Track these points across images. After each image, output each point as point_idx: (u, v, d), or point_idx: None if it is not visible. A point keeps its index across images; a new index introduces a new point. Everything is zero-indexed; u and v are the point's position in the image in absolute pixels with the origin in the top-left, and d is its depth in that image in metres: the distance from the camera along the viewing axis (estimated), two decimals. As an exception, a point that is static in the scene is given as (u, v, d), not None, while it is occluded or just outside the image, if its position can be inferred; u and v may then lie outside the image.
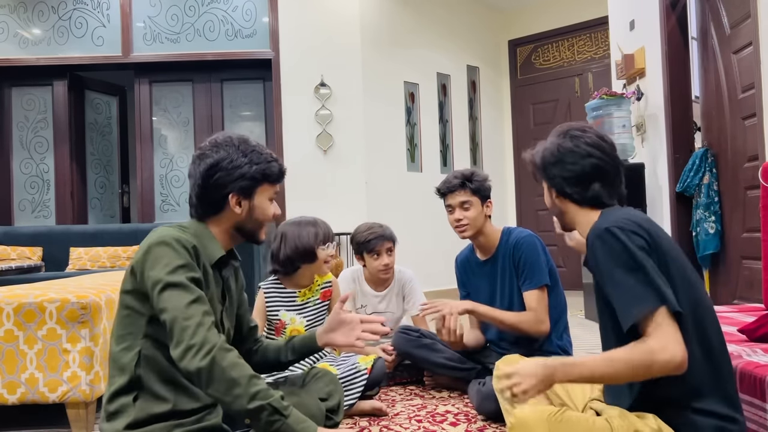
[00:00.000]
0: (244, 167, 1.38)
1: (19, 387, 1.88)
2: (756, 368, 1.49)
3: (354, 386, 2.05)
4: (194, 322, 1.22)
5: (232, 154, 1.39)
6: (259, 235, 1.47)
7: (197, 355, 1.19)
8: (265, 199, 1.44)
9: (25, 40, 5.32)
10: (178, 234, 1.32)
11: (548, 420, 1.19)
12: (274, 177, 1.44)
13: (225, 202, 1.39)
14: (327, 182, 5.11)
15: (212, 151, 1.39)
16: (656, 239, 1.22)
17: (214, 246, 1.40)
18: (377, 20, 5.34)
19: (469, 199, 2.18)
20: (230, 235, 1.44)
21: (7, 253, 4.39)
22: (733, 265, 3.35)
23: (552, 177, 1.43)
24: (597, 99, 3.85)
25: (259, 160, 1.41)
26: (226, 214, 1.41)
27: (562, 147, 1.43)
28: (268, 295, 2.23)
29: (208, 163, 1.38)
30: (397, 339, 2.44)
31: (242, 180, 1.38)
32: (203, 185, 1.38)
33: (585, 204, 1.39)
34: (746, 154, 3.16)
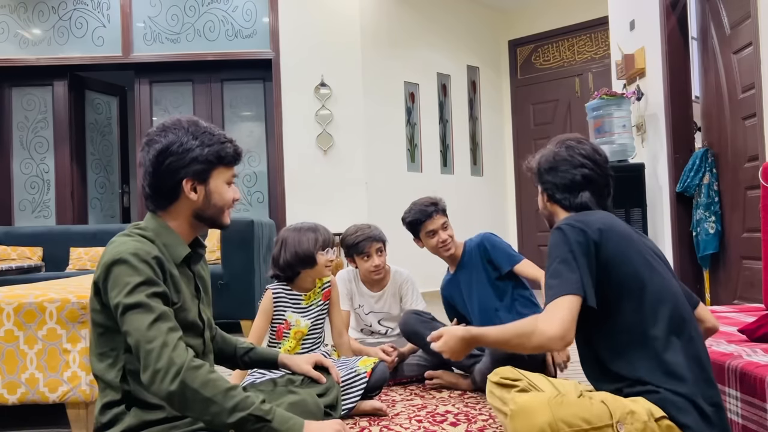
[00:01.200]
0: (196, 150, 1.30)
1: (19, 387, 1.89)
2: (756, 368, 1.49)
3: (353, 390, 2.05)
4: (158, 344, 1.16)
5: (182, 137, 1.30)
6: (221, 220, 1.39)
7: (165, 380, 1.15)
8: (221, 182, 1.36)
9: (26, 40, 5.33)
10: (135, 246, 1.24)
11: (549, 403, 1.23)
12: (229, 158, 1.36)
13: (179, 189, 1.31)
14: (327, 182, 5.11)
15: (160, 136, 1.31)
16: (606, 239, 1.32)
17: (177, 244, 1.33)
18: (377, 20, 5.34)
19: (445, 219, 2.44)
20: (190, 224, 1.36)
21: (8, 253, 4.39)
22: (734, 266, 3.35)
23: (545, 182, 1.52)
24: (597, 99, 3.85)
25: (212, 141, 1.32)
26: (183, 202, 1.33)
27: (558, 155, 1.51)
28: (277, 296, 2.24)
29: (157, 148, 1.29)
30: (408, 318, 2.45)
31: (195, 163, 1.30)
32: (154, 173, 1.30)
33: (572, 210, 1.48)
34: (746, 154, 3.16)
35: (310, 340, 2.25)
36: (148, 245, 1.27)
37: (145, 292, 1.20)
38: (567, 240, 1.31)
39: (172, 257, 1.31)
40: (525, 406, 1.23)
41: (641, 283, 1.31)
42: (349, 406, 2.03)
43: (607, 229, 1.33)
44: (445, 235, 2.44)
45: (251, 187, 5.47)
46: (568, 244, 1.31)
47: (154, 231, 1.32)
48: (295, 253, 2.18)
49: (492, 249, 2.42)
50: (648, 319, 1.29)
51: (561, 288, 1.27)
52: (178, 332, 1.21)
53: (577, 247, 1.30)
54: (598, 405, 1.23)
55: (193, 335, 1.36)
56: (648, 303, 1.30)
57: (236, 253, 3.68)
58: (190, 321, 1.34)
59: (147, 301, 1.19)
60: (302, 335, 2.22)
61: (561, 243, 1.32)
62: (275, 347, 2.23)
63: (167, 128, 1.32)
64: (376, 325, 2.71)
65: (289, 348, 2.21)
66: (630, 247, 1.34)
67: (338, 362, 2.20)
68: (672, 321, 1.29)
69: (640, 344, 1.28)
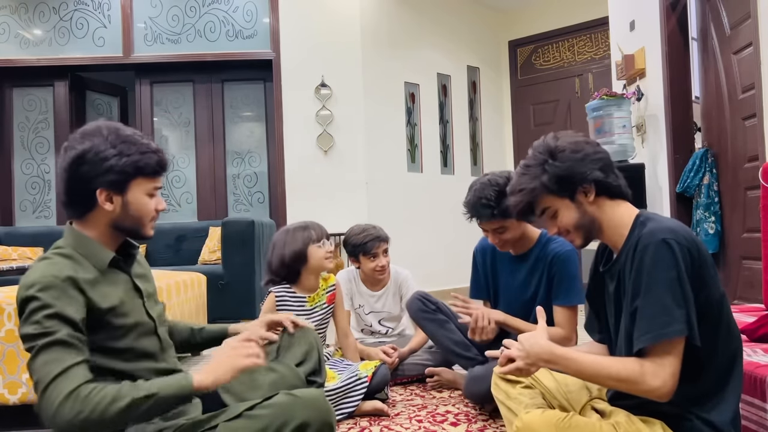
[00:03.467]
0: (112, 159, 1.24)
1: (20, 387, 1.89)
2: (756, 368, 1.49)
3: (354, 393, 2.05)
4: (37, 381, 1.10)
5: (99, 144, 1.25)
6: (142, 231, 1.33)
7: (54, 419, 1.06)
8: (141, 193, 1.29)
9: (26, 40, 5.33)
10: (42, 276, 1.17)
11: (556, 425, 1.18)
12: (149, 170, 1.29)
13: (94, 199, 1.26)
14: (327, 183, 5.12)
15: (78, 142, 1.25)
16: (702, 252, 1.18)
17: (98, 251, 1.28)
18: (378, 21, 5.35)
19: (502, 224, 2.01)
20: (110, 234, 1.31)
21: (9, 253, 4.40)
22: (734, 266, 3.35)
23: (584, 172, 1.27)
24: (597, 99, 3.85)
25: (130, 151, 1.26)
26: (99, 212, 1.28)
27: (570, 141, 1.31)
28: (280, 299, 2.23)
29: (72, 155, 1.24)
30: (413, 304, 2.39)
31: (110, 174, 1.24)
32: (69, 179, 1.26)
33: (619, 198, 1.31)
34: (746, 154, 3.16)
35: None
36: (60, 261, 1.22)
37: (35, 318, 1.13)
38: (676, 261, 1.13)
39: (95, 265, 1.26)
40: (531, 426, 1.20)
41: (720, 308, 1.20)
42: (350, 410, 2.03)
43: (705, 248, 1.19)
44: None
45: (252, 188, 5.47)
46: (676, 267, 1.13)
47: (71, 246, 1.27)
48: (282, 255, 2.18)
49: (559, 279, 2.06)
50: (718, 346, 1.20)
51: (669, 327, 1.11)
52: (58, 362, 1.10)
53: (685, 272, 1.13)
54: (608, 430, 1.20)
55: (145, 335, 1.33)
56: (723, 329, 1.21)
57: (236, 253, 3.69)
58: (134, 322, 1.30)
59: (31, 332, 1.13)
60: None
61: (669, 264, 1.13)
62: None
63: (86, 135, 1.26)
64: (377, 325, 2.71)
65: (290, 349, 2.20)
66: (714, 269, 1.21)
67: (339, 366, 2.20)
68: (736, 349, 1.23)
69: (701, 370, 1.19)
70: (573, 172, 1.27)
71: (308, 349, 1.73)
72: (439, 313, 2.35)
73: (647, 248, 1.16)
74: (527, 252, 2.15)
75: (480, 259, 2.32)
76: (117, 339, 1.26)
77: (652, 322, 1.13)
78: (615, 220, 1.30)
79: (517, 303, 2.18)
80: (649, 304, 1.14)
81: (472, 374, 2.00)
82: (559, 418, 1.21)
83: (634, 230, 1.26)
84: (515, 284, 2.18)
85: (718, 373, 1.20)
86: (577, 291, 2.05)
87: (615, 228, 1.30)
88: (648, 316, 1.14)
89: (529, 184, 1.32)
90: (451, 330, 2.31)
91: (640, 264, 1.17)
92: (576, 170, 1.27)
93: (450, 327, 2.32)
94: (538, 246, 2.13)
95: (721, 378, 1.20)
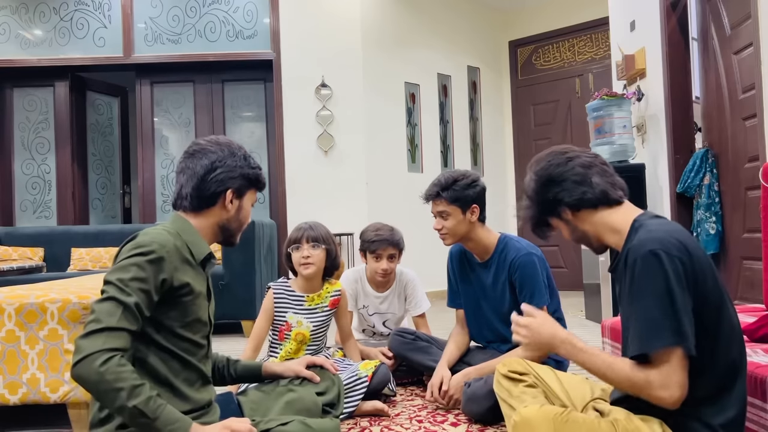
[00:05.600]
0: (245, 168, 1.47)
1: (20, 387, 1.89)
2: (757, 369, 1.49)
3: (354, 393, 2.05)
4: (92, 320, 1.20)
5: (235, 153, 1.47)
6: (237, 237, 1.53)
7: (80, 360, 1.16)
8: (249, 203, 1.52)
9: (27, 41, 5.33)
10: (151, 240, 1.30)
11: (554, 420, 1.19)
12: (261, 184, 1.53)
13: (219, 197, 1.44)
14: (328, 183, 5.12)
15: (215, 148, 1.46)
16: (695, 261, 1.18)
17: (200, 242, 1.43)
18: (378, 21, 5.35)
19: (446, 209, 2.09)
20: (212, 233, 1.48)
21: (9, 253, 4.40)
22: (734, 266, 3.35)
23: (555, 198, 1.35)
24: (597, 100, 3.85)
25: (254, 165, 1.51)
26: (217, 210, 1.46)
27: (542, 171, 1.38)
28: (277, 295, 2.24)
29: (212, 158, 1.44)
30: (393, 341, 2.45)
31: (241, 179, 1.46)
32: (203, 178, 1.43)
33: (605, 205, 1.33)
34: (747, 154, 3.16)
35: (313, 346, 2.25)
36: (165, 237, 1.34)
37: (124, 273, 1.25)
38: (665, 272, 1.14)
39: (194, 254, 1.39)
40: (529, 420, 1.20)
41: (718, 314, 1.21)
42: (350, 410, 2.03)
43: (700, 255, 1.19)
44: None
45: (252, 188, 5.47)
46: (665, 278, 1.14)
47: (179, 229, 1.41)
48: (284, 251, 2.27)
49: (520, 284, 2.09)
50: (717, 352, 1.20)
51: (655, 339, 1.13)
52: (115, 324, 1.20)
53: (676, 282, 1.14)
54: (606, 427, 1.20)
55: (201, 334, 1.40)
56: (723, 335, 1.20)
57: (237, 253, 3.68)
58: (200, 317, 1.39)
59: (114, 281, 1.24)
60: (303, 337, 2.22)
61: (656, 275, 1.14)
62: (277, 348, 2.23)
63: (221, 144, 1.47)
64: (380, 327, 2.71)
65: (290, 350, 2.20)
66: (713, 275, 1.20)
67: (341, 364, 2.20)
68: (739, 354, 1.23)
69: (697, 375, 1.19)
70: (545, 205, 1.38)
71: (329, 384, 1.82)
72: (419, 341, 2.41)
73: (636, 261, 1.19)
74: (489, 259, 2.19)
75: (450, 266, 2.38)
76: (183, 327, 1.34)
77: (640, 333, 1.16)
78: (607, 227, 1.34)
79: (486, 308, 2.22)
80: (638, 317, 1.17)
81: (470, 392, 1.98)
82: (556, 413, 1.21)
83: (629, 236, 1.28)
84: (483, 290, 2.22)
85: (717, 378, 1.20)
86: (541, 292, 2.06)
87: (611, 233, 1.34)
88: (636, 327, 1.17)
89: (526, 215, 1.44)
90: (435, 353, 2.35)
91: (631, 276, 1.20)
92: (545, 202, 1.37)
93: (433, 350, 2.37)
94: (496, 252, 2.17)
95: (721, 383, 1.20)
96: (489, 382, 1.82)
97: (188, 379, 1.36)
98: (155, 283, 1.27)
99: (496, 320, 2.21)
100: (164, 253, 1.29)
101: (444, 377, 2.14)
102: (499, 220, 6.11)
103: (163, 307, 1.30)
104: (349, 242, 4.96)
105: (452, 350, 2.27)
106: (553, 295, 2.15)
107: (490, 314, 2.22)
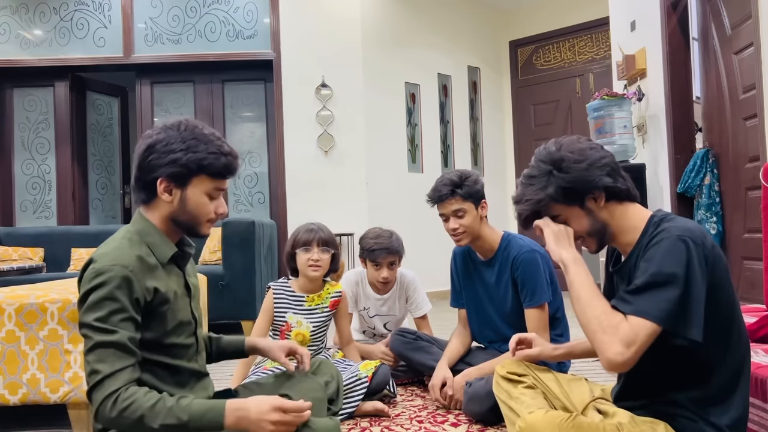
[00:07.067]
0: (178, 153, 1.28)
1: (20, 387, 1.89)
2: (758, 369, 1.49)
3: (355, 393, 2.05)
4: (89, 372, 1.18)
5: (171, 137, 1.30)
6: (198, 230, 1.36)
7: (96, 414, 1.17)
8: (200, 192, 1.32)
9: (27, 41, 5.33)
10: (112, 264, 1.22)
11: (559, 426, 1.18)
12: (213, 170, 1.31)
13: (155, 187, 1.30)
14: (328, 183, 5.11)
15: (155, 132, 1.32)
16: (717, 258, 1.16)
17: (162, 243, 1.33)
18: (378, 21, 5.34)
19: (462, 206, 2.07)
20: (170, 227, 1.35)
21: (9, 253, 4.40)
22: (735, 266, 3.35)
23: (592, 179, 1.25)
24: (598, 100, 3.85)
25: (198, 149, 1.29)
26: (159, 202, 1.32)
27: (573, 146, 1.29)
28: (277, 295, 2.24)
29: (147, 143, 1.31)
30: (393, 341, 2.45)
31: (172, 166, 1.28)
32: (138, 166, 1.31)
33: (629, 200, 1.29)
34: (747, 154, 3.16)
35: (313, 346, 2.24)
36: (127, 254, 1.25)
37: (99, 312, 1.19)
38: (689, 259, 1.12)
39: (158, 257, 1.31)
40: (534, 426, 1.19)
41: (731, 312, 1.20)
42: (350, 410, 2.03)
43: (719, 254, 1.17)
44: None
45: (252, 188, 5.47)
46: (687, 265, 1.11)
47: (140, 232, 1.32)
48: (287, 249, 2.25)
49: (522, 281, 2.11)
50: (729, 350, 1.20)
51: (649, 312, 1.10)
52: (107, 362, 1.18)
53: (698, 272, 1.12)
54: (612, 431, 1.19)
55: (186, 334, 1.36)
56: (734, 334, 1.20)
57: (237, 253, 3.68)
58: (181, 320, 1.34)
59: (92, 323, 1.19)
60: (303, 338, 2.21)
61: (680, 259, 1.12)
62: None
63: (165, 127, 1.32)
64: (380, 328, 2.70)
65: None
66: (728, 277, 1.19)
67: (340, 366, 2.20)
68: (745, 354, 1.22)
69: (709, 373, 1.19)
70: (579, 182, 1.25)
71: (329, 379, 1.76)
72: (420, 341, 2.41)
73: (662, 241, 1.15)
74: (493, 257, 2.19)
75: (453, 265, 2.37)
76: (165, 335, 1.29)
77: (638, 297, 1.12)
78: (626, 223, 1.29)
79: (489, 307, 2.22)
80: (645, 283, 1.13)
81: (471, 392, 1.98)
82: (562, 419, 1.20)
83: (646, 231, 1.25)
84: (486, 289, 2.22)
85: (726, 377, 1.19)
86: (543, 289, 2.08)
87: (627, 231, 1.29)
88: (638, 290, 1.13)
89: (534, 196, 1.29)
90: (436, 353, 2.34)
91: (653, 253, 1.15)
92: (582, 180, 1.25)
93: (434, 350, 2.37)
94: (500, 250, 2.16)
95: (729, 382, 1.20)
96: (490, 382, 1.82)
97: (179, 382, 1.33)
98: (132, 306, 1.21)
99: (498, 320, 2.21)
100: (128, 273, 1.21)
101: (446, 378, 2.14)
102: (500, 219, 6.11)
103: (143, 321, 1.25)
104: (349, 242, 4.96)
105: (453, 350, 2.28)
106: (555, 294, 2.15)
107: (492, 314, 2.22)
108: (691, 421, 1.19)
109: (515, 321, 2.15)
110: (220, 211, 1.37)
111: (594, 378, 2.01)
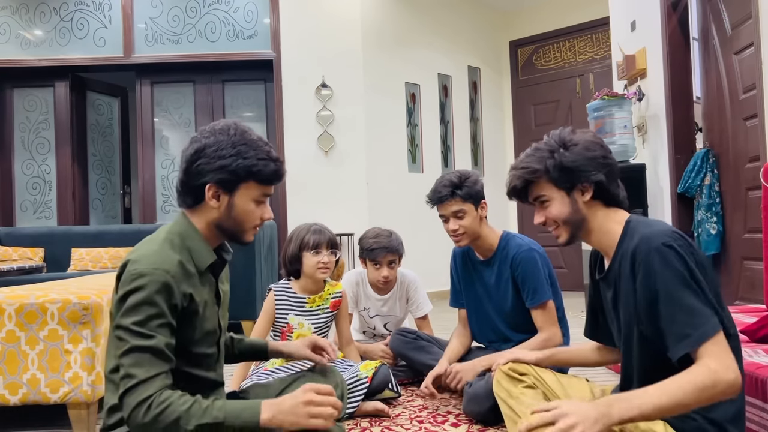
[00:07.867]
0: (228, 159, 1.26)
1: (20, 388, 1.89)
2: (757, 369, 1.49)
3: (355, 393, 2.05)
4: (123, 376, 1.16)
5: (222, 142, 1.28)
6: (242, 237, 1.34)
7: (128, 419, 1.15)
8: (248, 198, 1.30)
9: (27, 41, 5.33)
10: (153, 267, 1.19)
11: None
12: (262, 177, 1.30)
13: (202, 193, 1.28)
14: (328, 183, 5.12)
15: (204, 136, 1.30)
16: (697, 253, 1.17)
17: (203, 250, 1.30)
18: (378, 21, 5.34)
19: (462, 207, 2.08)
20: (213, 232, 1.33)
21: (9, 253, 4.40)
22: (735, 266, 3.35)
23: (587, 170, 1.27)
24: (598, 100, 3.85)
25: (248, 155, 1.28)
26: (205, 207, 1.30)
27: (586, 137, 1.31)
28: (279, 297, 2.24)
29: (195, 147, 1.28)
30: (394, 341, 2.45)
31: (221, 172, 1.26)
32: (186, 170, 1.29)
33: (614, 205, 1.31)
34: (747, 154, 3.16)
35: None
36: (175, 250, 1.25)
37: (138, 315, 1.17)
38: (683, 260, 1.13)
39: (197, 264, 1.28)
40: None
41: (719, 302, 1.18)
42: (351, 410, 2.03)
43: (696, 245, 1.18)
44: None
45: (252, 188, 5.47)
46: (685, 266, 1.12)
47: (182, 234, 1.29)
48: (287, 251, 2.22)
49: (522, 280, 2.11)
50: None
51: (706, 326, 1.09)
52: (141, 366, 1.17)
53: (695, 267, 1.13)
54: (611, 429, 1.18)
55: (208, 344, 1.34)
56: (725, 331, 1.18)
57: (237, 253, 3.67)
58: (208, 329, 1.33)
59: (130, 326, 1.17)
60: (304, 339, 2.21)
61: (677, 264, 1.12)
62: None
63: (214, 131, 1.31)
64: (381, 329, 2.70)
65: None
66: (709, 265, 1.19)
67: (341, 366, 2.20)
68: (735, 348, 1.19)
69: None
70: (578, 168, 1.28)
71: (334, 383, 1.73)
72: (420, 340, 2.41)
73: (650, 254, 1.15)
74: (492, 257, 2.19)
75: (453, 265, 2.37)
76: (190, 344, 1.28)
77: (687, 326, 1.10)
78: (604, 226, 1.30)
79: (489, 307, 2.22)
80: (675, 310, 1.12)
81: (471, 392, 1.97)
82: None
83: (625, 236, 1.26)
84: (486, 288, 2.22)
85: None
86: (543, 287, 2.08)
87: (604, 233, 1.30)
88: (680, 321, 1.11)
89: (532, 164, 1.33)
90: (436, 353, 2.34)
91: (649, 270, 1.16)
92: (581, 166, 1.28)
93: (434, 350, 2.37)
94: (499, 249, 2.17)
95: None
96: (490, 382, 1.81)
97: (195, 392, 1.29)
98: (170, 312, 1.20)
99: (498, 319, 2.21)
100: (169, 279, 1.19)
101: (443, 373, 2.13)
102: (500, 220, 6.12)
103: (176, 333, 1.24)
104: (349, 242, 4.96)
105: (453, 350, 2.28)
106: (556, 293, 2.15)
107: (492, 313, 2.22)
108: (691, 419, 1.19)
109: (515, 320, 2.16)
110: (266, 217, 1.35)
111: (594, 378, 2.02)
